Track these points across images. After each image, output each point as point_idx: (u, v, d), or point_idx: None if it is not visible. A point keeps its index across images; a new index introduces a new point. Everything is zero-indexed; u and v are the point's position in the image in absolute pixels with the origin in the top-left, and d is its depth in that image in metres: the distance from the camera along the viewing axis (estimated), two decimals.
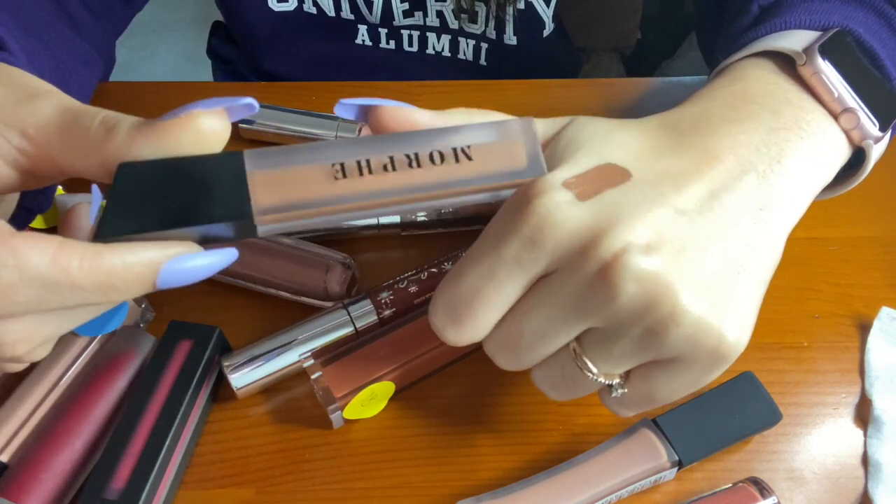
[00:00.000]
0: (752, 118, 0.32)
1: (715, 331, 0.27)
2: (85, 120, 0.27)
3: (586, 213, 0.27)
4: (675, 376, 0.29)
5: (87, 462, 0.35)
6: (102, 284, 0.25)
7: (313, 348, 0.39)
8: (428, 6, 0.57)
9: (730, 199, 0.29)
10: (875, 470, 0.37)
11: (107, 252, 0.25)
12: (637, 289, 0.26)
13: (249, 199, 0.25)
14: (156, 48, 1.66)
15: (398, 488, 0.37)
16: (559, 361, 0.30)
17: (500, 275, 0.28)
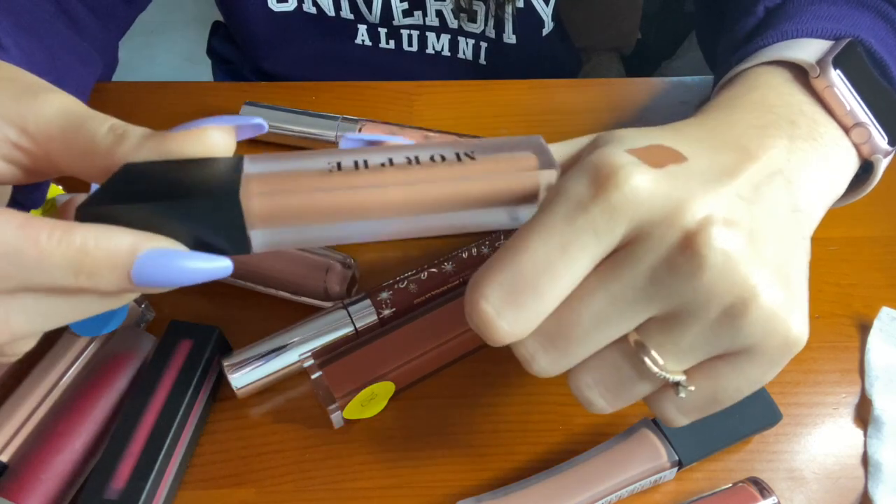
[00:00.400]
0: (774, 126, 0.31)
1: (786, 320, 0.26)
2: (92, 125, 0.26)
3: (664, 182, 0.25)
4: (742, 371, 0.27)
5: (87, 462, 0.35)
6: (72, 262, 0.23)
7: (313, 348, 0.39)
8: (427, 6, 0.57)
9: (770, 194, 0.28)
10: (875, 470, 0.37)
11: (80, 228, 0.23)
12: (723, 262, 0.24)
13: (238, 185, 0.24)
14: (156, 48, 1.66)
15: (398, 488, 0.37)
16: (612, 360, 0.27)
17: (574, 247, 0.25)
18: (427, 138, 0.47)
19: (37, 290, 0.24)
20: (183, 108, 0.52)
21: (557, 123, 0.51)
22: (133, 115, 0.52)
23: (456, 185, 0.25)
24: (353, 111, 0.50)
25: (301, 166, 0.25)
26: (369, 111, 0.51)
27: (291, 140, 0.49)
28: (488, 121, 0.51)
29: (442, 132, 0.48)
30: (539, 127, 0.51)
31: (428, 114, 0.52)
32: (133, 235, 0.24)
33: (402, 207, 0.25)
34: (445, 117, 0.51)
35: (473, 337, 0.40)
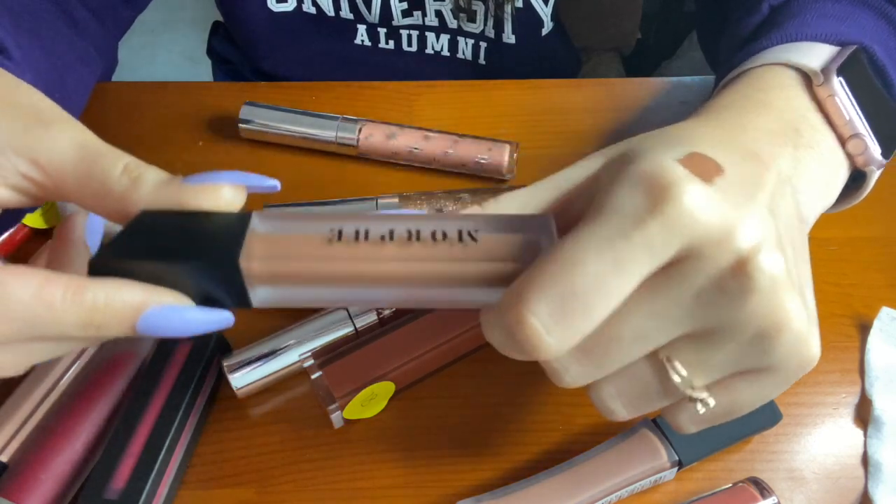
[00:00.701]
0: (781, 133, 0.31)
1: (809, 342, 0.26)
2: (105, 163, 0.27)
3: (717, 200, 0.24)
4: (761, 386, 0.27)
5: (87, 462, 0.35)
6: (83, 321, 0.25)
7: (313, 348, 0.39)
8: (426, 6, 0.57)
9: (784, 204, 0.28)
10: (875, 470, 0.37)
11: (91, 287, 0.25)
12: (770, 287, 0.24)
13: (241, 247, 0.25)
14: (156, 48, 1.66)
15: (398, 488, 0.37)
16: (640, 373, 0.27)
17: (628, 264, 0.24)
18: (427, 138, 0.47)
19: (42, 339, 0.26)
20: (183, 109, 0.52)
21: (557, 123, 0.51)
22: (133, 115, 0.52)
23: (452, 267, 0.26)
24: (353, 111, 0.50)
25: (304, 230, 0.26)
26: (369, 111, 0.51)
27: (291, 140, 0.49)
28: (488, 121, 0.51)
29: (442, 132, 0.48)
30: (539, 127, 0.51)
31: (428, 114, 0.52)
32: (141, 292, 0.25)
33: (397, 282, 0.26)
34: (445, 117, 0.51)
35: (473, 337, 0.40)
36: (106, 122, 0.50)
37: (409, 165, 0.49)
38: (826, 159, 0.33)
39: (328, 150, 0.49)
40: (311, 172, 0.49)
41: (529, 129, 0.51)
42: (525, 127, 0.51)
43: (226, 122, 0.50)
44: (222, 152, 0.49)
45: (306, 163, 0.49)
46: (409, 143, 0.47)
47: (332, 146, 0.48)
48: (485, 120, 0.51)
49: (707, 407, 0.27)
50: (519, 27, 0.58)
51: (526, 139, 0.50)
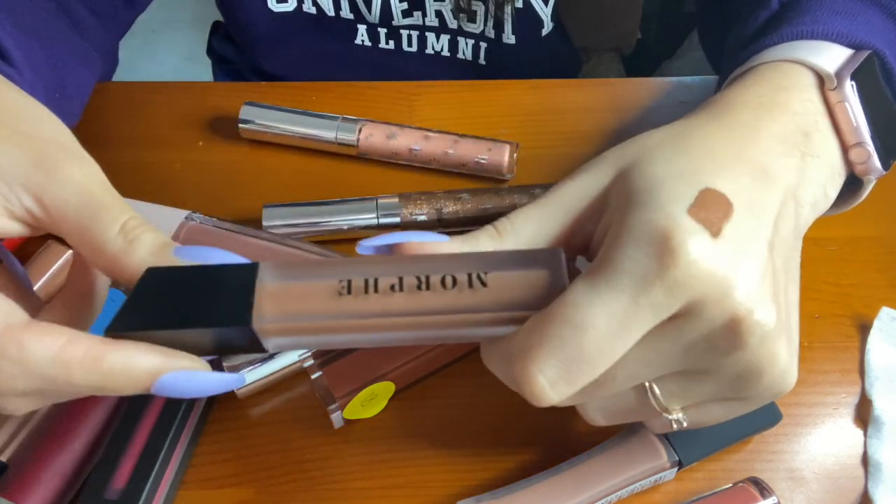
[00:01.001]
0: (793, 139, 0.31)
1: (788, 378, 0.28)
2: (105, 219, 0.27)
3: (721, 256, 0.26)
4: (733, 410, 0.30)
5: (87, 462, 0.35)
6: (99, 384, 0.25)
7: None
8: (427, 6, 0.57)
9: (784, 224, 0.29)
10: (875, 470, 0.37)
11: (110, 353, 0.25)
12: (759, 343, 0.26)
13: (252, 308, 0.26)
14: (156, 48, 1.66)
15: (398, 488, 0.37)
16: (623, 395, 0.29)
17: (635, 326, 0.25)
18: (427, 138, 0.47)
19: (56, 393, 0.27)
20: (183, 109, 0.52)
21: (557, 123, 0.51)
22: (133, 115, 0.52)
23: (463, 317, 0.26)
24: (353, 111, 0.50)
25: (313, 280, 0.27)
26: (369, 111, 0.51)
27: (291, 140, 0.49)
28: (488, 121, 0.51)
29: (442, 132, 0.48)
30: (539, 127, 0.51)
31: (428, 114, 0.52)
32: (156, 357, 0.26)
33: (407, 329, 0.27)
34: (445, 117, 0.51)
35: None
36: (106, 122, 0.50)
37: (409, 165, 0.49)
38: (829, 167, 0.33)
39: (328, 150, 0.49)
40: (311, 172, 0.49)
41: (529, 129, 0.51)
42: (525, 127, 0.51)
43: (226, 122, 0.50)
44: (222, 152, 0.49)
45: (306, 163, 0.49)
46: (409, 143, 0.47)
47: (332, 146, 0.48)
48: (485, 120, 0.51)
49: (679, 425, 0.30)
50: (519, 27, 0.58)
51: (526, 139, 0.50)
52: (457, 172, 0.48)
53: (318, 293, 0.26)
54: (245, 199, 0.47)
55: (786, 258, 0.29)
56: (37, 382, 0.25)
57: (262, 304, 0.26)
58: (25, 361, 0.24)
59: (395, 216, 0.44)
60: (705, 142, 0.30)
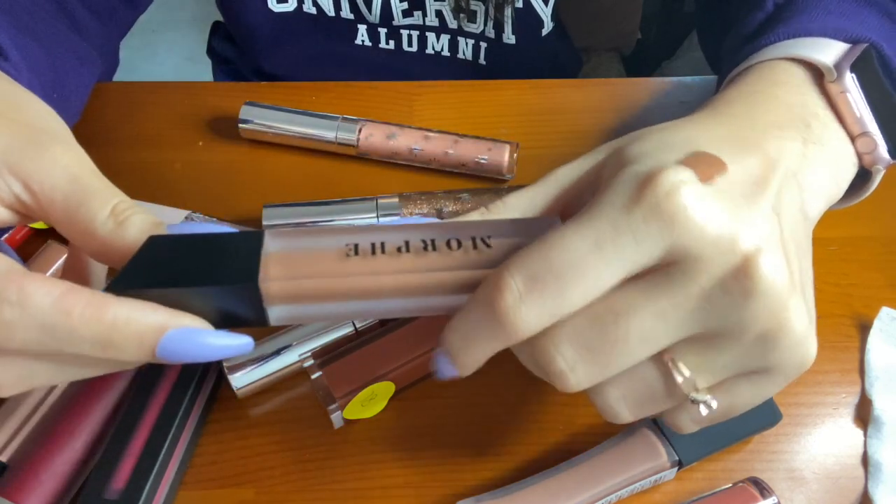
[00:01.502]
0: (791, 127, 0.31)
1: (808, 343, 0.27)
2: (94, 204, 0.27)
3: (715, 199, 0.25)
4: (760, 386, 0.28)
5: (87, 462, 0.35)
6: (101, 337, 0.24)
7: (313, 348, 0.39)
8: (427, 6, 0.57)
9: (789, 200, 0.28)
10: (875, 470, 0.37)
11: (113, 304, 0.24)
12: (771, 289, 0.25)
13: (258, 269, 0.25)
14: (156, 48, 1.66)
15: (398, 488, 0.37)
16: (645, 376, 0.27)
17: (609, 247, 0.24)
18: (427, 138, 0.47)
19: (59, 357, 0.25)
20: (183, 109, 0.52)
21: (557, 123, 0.51)
22: (133, 115, 0.52)
23: (471, 274, 0.26)
24: (353, 111, 0.50)
25: (319, 245, 0.26)
26: (369, 111, 0.51)
27: (291, 140, 0.49)
28: (488, 121, 0.51)
29: (442, 132, 0.48)
30: (539, 127, 0.51)
31: (428, 114, 0.52)
32: (161, 314, 0.25)
33: (417, 292, 0.26)
34: (445, 117, 0.51)
35: None
36: (106, 122, 0.50)
37: (409, 165, 0.49)
38: (834, 156, 0.32)
39: (328, 150, 0.49)
40: (311, 172, 0.49)
41: (529, 129, 0.51)
42: (525, 127, 0.51)
43: (226, 122, 0.50)
44: (222, 152, 0.49)
45: (306, 163, 0.49)
46: (409, 143, 0.47)
47: (332, 146, 0.48)
48: (485, 120, 0.51)
49: (710, 409, 0.28)
50: (519, 27, 0.58)
51: (526, 139, 0.50)
52: (457, 172, 0.48)
53: (324, 256, 0.26)
54: (245, 199, 0.47)
55: (793, 230, 0.27)
56: (35, 333, 0.24)
57: (268, 266, 0.25)
58: (25, 305, 0.23)
59: (394, 216, 0.44)
60: (698, 129, 0.30)
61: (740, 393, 0.28)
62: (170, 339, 0.25)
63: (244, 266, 0.25)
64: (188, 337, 0.25)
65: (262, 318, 0.26)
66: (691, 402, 0.27)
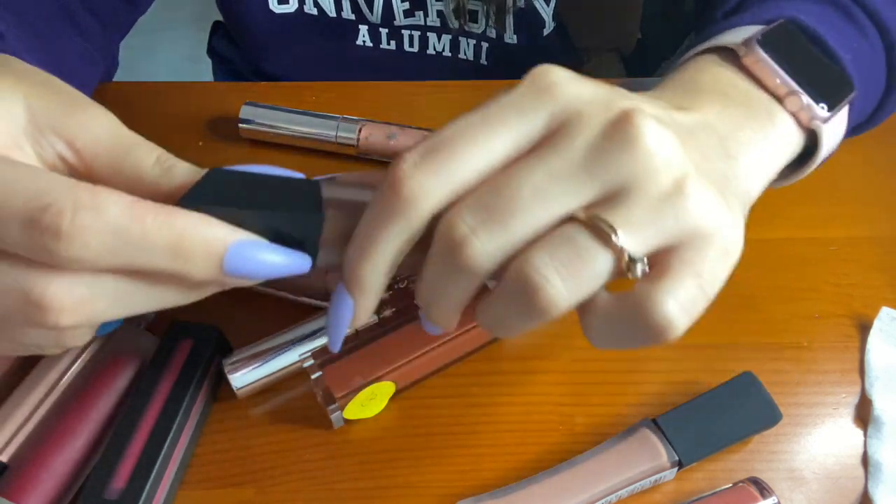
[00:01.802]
0: (707, 94, 0.32)
1: (722, 211, 0.26)
2: (139, 153, 0.27)
3: (591, 83, 0.27)
4: (694, 263, 0.25)
5: (87, 462, 0.35)
6: (173, 244, 0.24)
7: (313, 348, 0.39)
8: (428, 6, 0.57)
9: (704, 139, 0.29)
10: (875, 470, 0.37)
11: (181, 214, 0.25)
12: (655, 140, 0.25)
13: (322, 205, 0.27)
14: (156, 48, 1.66)
15: (398, 488, 0.37)
16: (565, 233, 0.25)
17: (494, 119, 0.26)
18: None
19: (132, 271, 0.25)
20: (183, 109, 0.52)
21: None
22: (133, 115, 0.52)
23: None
24: (353, 111, 0.50)
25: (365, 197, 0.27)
26: (369, 111, 0.51)
27: (291, 140, 0.49)
28: None
29: None
30: None
31: (428, 114, 0.52)
32: (226, 227, 0.26)
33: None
34: (446, 117, 0.51)
35: (473, 337, 0.40)
36: None
37: None
38: (764, 119, 0.33)
39: (328, 150, 0.49)
40: (311, 172, 0.48)
41: None
42: None
43: (226, 122, 0.50)
44: (222, 152, 0.49)
45: (306, 163, 0.49)
46: (409, 143, 0.47)
47: (332, 146, 0.48)
48: None
49: (644, 268, 0.26)
50: (521, 27, 0.58)
51: None
52: None
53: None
54: None
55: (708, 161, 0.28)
56: (110, 238, 0.24)
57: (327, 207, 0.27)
58: (100, 209, 0.24)
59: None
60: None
61: (677, 274, 0.26)
62: (236, 251, 0.25)
63: (307, 201, 0.27)
64: (253, 250, 0.26)
65: (313, 253, 0.28)
66: (626, 266, 0.25)
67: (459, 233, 0.25)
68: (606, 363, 0.41)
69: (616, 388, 0.40)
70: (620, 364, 0.41)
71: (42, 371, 0.37)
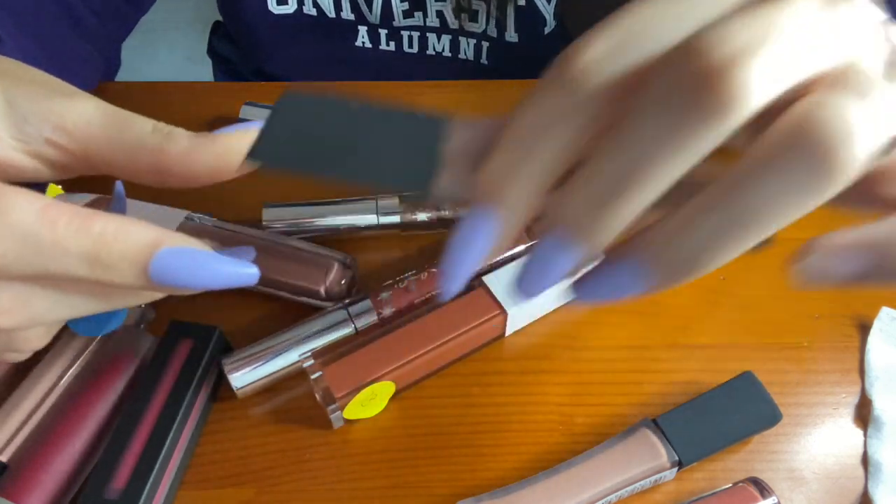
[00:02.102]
0: None
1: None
2: (137, 124, 0.27)
3: None
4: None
5: (87, 462, 0.35)
6: (90, 252, 0.22)
7: (313, 348, 0.39)
8: (428, 6, 0.57)
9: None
10: (875, 470, 0.37)
11: (100, 217, 0.23)
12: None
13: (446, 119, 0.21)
14: (156, 48, 1.66)
15: (398, 488, 0.37)
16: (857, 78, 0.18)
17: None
18: None
19: (53, 279, 0.24)
20: (183, 108, 0.52)
21: None
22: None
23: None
24: None
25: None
26: None
27: None
28: None
29: None
30: None
31: None
32: (155, 231, 0.23)
33: None
34: None
35: (473, 337, 0.40)
36: None
37: None
38: None
39: None
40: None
41: None
42: None
43: (226, 123, 0.50)
44: None
45: None
46: None
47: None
48: None
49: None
50: (522, 26, 0.58)
51: None
52: None
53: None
54: (245, 199, 0.47)
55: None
56: (18, 246, 0.22)
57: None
58: (6, 214, 0.22)
59: (395, 216, 0.44)
60: None
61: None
62: (165, 259, 0.23)
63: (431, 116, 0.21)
64: (185, 258, 0.23)
65: (431, 177, 0.21)
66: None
67: (721, 53, 0.17)
68: (606, 363, 0.41)
69: (616, 388, 0.40)
70: (620, 364, 0.41)
71: (42, 371, 0.37)
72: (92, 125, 0.27)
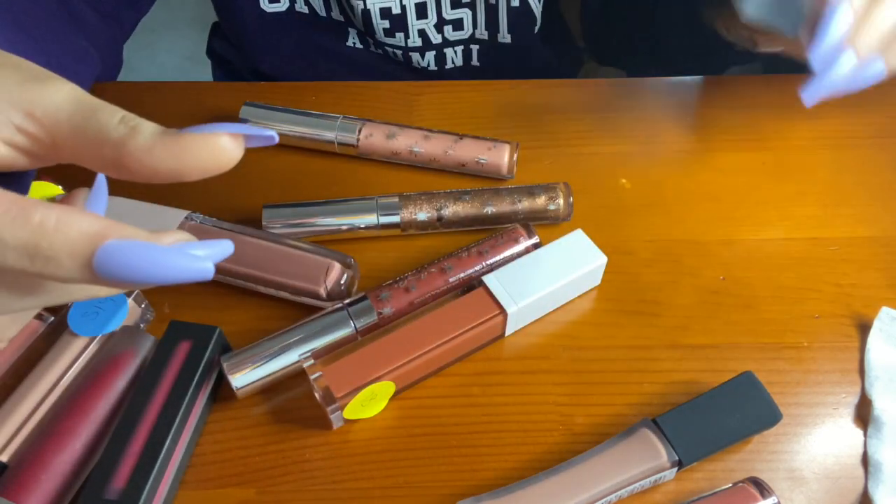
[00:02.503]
0: None
1: None
2: (104, 115, 0.26)
3: None
4: None
5: (87, 462, 0.35)
6: (27, 243, 0.21)
7: (313, 348, 0.39)
8: (409, 28, 0.57)
9: None
10: (875, 470, 0.37)
11: (41, 207, 0.22)
12: None
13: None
14: (156, 48, 1.66)
15: (398, 488, 0.37)
16: None
17: None
18: (427, 138, 0.47)
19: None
20: (183, 108, 0.52)
21: (557, 123, 0.51)
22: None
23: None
24: (353, 111, 0.50)
25: None
26: (369, 111, 0.51)
27: (291, 140, 0.49)
28: (488, 121, 0.51)
29: (442, 132, 0.48)
30: (539, 127, 0.51)
31: (428, 114, 0.52)
32: (102, 222, 0.22)
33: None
34: (445, 117, 0.51)
35: (473, 337, 0.40)
36: None
37: (410, 165, 0.49)
38: None
39: (328, 150, 0.49)
40: (311, 172, 0.49)
41: (529, 129, 0.51)
42: (525, 127, 0.51)
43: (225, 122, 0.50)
44: None
45: (306, 163, 0.49)
46: (409, 143, 0.47)
47: (332, 146, 0.48)
48: (485, 120, 0.51)
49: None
50: (514, 26, 0.58)
51: (526, 139, 0.50)
52: (457, 172, 0.48)
53: None
54: (245, 199, 0.47)
55: None
56: None
57: None
58: None
59: (395, 216, 0.44)
60: None
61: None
62: (110, 252, 0.22)
63: None
64: (133, 251, 0.22)
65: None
66: None
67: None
68: (606, 363, 0.41)
69: (616, 388, 0.40)
70: (620, 364, 0.41)
71: (42, 371, 0.37)
72: (61, 113, 0.26)
